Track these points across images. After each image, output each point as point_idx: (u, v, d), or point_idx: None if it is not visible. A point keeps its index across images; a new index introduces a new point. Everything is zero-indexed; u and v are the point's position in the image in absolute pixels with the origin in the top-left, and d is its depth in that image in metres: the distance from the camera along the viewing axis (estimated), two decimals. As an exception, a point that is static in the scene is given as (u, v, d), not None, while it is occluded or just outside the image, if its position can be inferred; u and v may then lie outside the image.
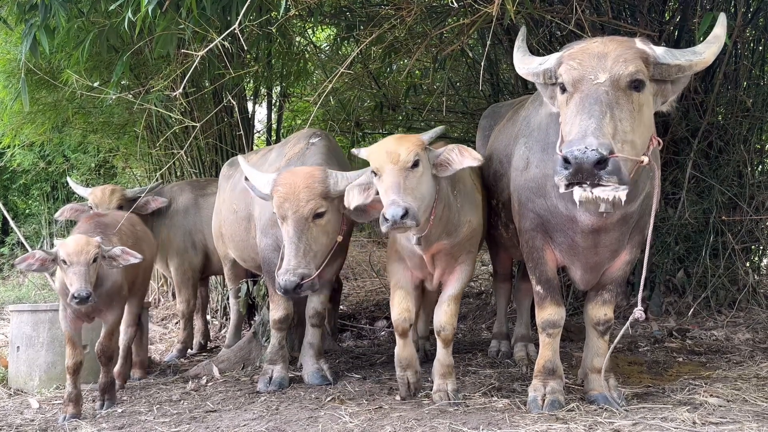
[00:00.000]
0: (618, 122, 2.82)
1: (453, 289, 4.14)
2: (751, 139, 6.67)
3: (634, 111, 2.90)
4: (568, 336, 5.78)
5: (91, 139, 9.28)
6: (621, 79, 2.89)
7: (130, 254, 4.39)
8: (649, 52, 3.01)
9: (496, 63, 7.74)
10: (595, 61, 2.96)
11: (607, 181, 2.64)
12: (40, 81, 6.61)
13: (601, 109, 2.81)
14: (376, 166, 3.60)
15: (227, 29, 4.35)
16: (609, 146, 2.66)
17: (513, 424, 3.33)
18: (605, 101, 2.84)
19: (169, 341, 7.56)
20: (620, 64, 2.91)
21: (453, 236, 3.96)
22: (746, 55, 6.64)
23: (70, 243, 4.22)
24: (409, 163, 3.53)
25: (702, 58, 3.04)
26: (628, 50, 2.97)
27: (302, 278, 3.91)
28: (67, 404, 4.37)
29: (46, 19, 4.60)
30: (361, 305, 8.57)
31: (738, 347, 5.35)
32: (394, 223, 3.33)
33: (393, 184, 3.46)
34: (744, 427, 3.10)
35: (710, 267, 6.43)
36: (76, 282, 4.08)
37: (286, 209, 4.04)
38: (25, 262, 4.25)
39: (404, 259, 4.19)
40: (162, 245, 6.82)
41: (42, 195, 12.84)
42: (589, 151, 2.62)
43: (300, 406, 4.14)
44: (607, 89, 2.87)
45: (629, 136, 2.85)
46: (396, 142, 3.64)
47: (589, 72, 2.94)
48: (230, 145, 7.83)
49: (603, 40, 3.10)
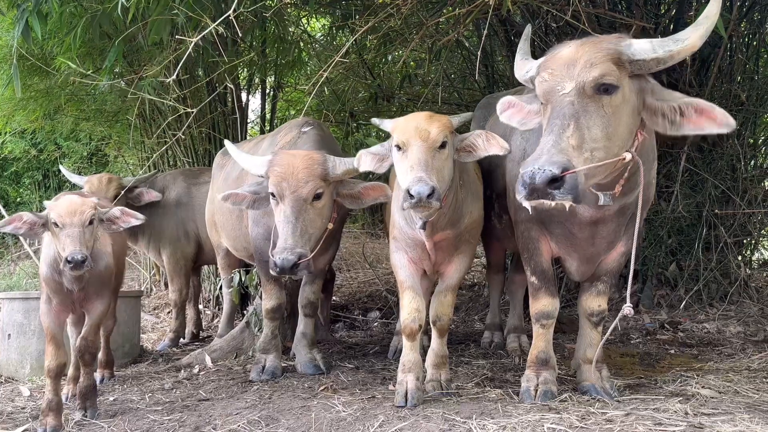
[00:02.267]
0: (585, 131, 2.78)
1: (451, 280, 4.08)
2: (745, 133, 6.69)
3: (607, 115, 2.84)
4: (561, 328, 5.80)
5: (84, 127, 9.20)
6: (586, 87, 2.83)
7: (131, 215, 4.00)
8: (623, 50, 2.90)
9: (491, 54, 7.72)
10: (565, 69, 2.91)
11: (561, 199, 2.64)
12: (32, 67, 6.55)
13: (563, 123, 2.78)
14: (403, 140, 3.48)
15: (222, 16, 4.32)
16: (563, 164, 2.63)
17: (506, 414, 3.33)
18: (569, 113, 2.80)
19: (161, 330, 7.54)
20: (585, 71, 2.84)
21: (456, 226, 3.91)
22: (741, 49, 6.64)
23: (62, 203, 3.74)
24: (438, 143, 3.46)
25: (684, 45, 2.84)
26: (597, 53, 2.88)
27: (299, 257, 3.85)
28: (46, 414, 3.78)
29: (39, 4, 4.56)
30: (353, 296, 8.56)
31: (729, 340, 5.38)
32: (419, 201, 3.22)
33: (421, 161, 3.36)
34: (736, 418, 3.11)
35: (702, 260, 6.46)
36: (70, 244, 3.61)
37: (284, 188, 3.99)
38: (11, 225, 3.78)
39: (405, 250, 4.06)
40: (155, 234, 6.79)
41: (33, 183, 12.75)
42: (539, 173, 2.61)
43: (293, 395, 4.13)
44: (573, 99, 2.83)
45: (601, 142, 2.80)
46: (427, 119, 3.54)
47: (557, 82, 2.90)
48: (224, 134, 7.79)
49: (577, 43, 3.02)
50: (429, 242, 3.84)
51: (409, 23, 5.80)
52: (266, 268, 4.79)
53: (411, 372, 3.81)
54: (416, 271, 4.04)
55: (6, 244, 12.56)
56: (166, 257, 6.81)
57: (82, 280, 3.89)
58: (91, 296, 4.04)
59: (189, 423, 3.69)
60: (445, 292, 4.08)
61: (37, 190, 12.69)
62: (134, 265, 9.84)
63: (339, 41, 8.06)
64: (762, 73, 6.90)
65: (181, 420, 3.76)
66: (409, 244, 3.99)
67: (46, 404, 3.81)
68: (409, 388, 3.74)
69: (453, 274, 4.08)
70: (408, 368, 3.83)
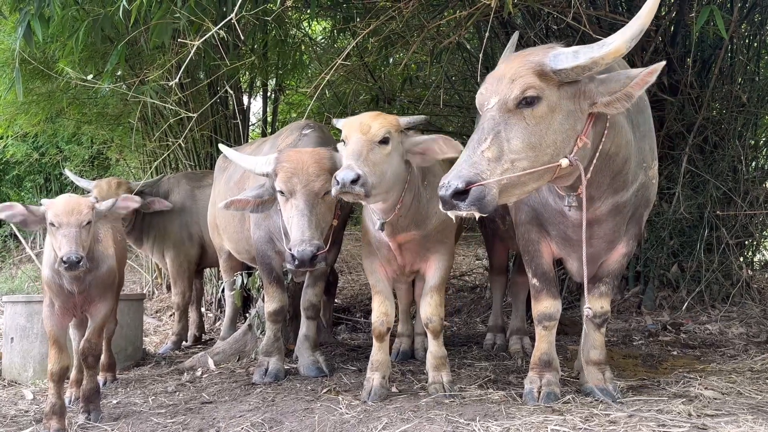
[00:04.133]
0: (505, 143, 2.84)
1: (434, 280, 4.13)
2: (746, 134, 6.70)
3: (529, 126, 2.88)
4: (563, 329, 5.79)
5: (85, 131, 9.22)
6: (508, 102, 2.90)
7: (129, 199, 4.04)
8: (546, 62, 2.91)
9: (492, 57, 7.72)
10: (495, 84, 2.98)
11: (466, 210, 2.74)
12: (34, 71, 6.56)
13: (480, 137, 2.86)
14: (346, 134, 3.59)
15: (223, 19, 4.33)
16: (467, 178, 2.73)
17: (509, 416, 3.33)
18: (488, 127, 2.88)
19: (164, 333, 7.54)
20: (507, 86, 2.92)
21: (422, 227, 3.96)
22: (741, 50, 6.65)
23: (59, 202, 3.74)
24: (378, 137, 3.53)
25: (609, 49, 2.79)
26: (521, 67, 2.93)
27: (318, 249, 3.86)
28: (50, 418, 3.78)
29: (41, 7, 4.57)
30: (355, 298, 8.57)
31: (732, 341, 5.38)
32: (343, 186, 3.32)
33: (354, 151, 3.46)
34: (739, 419, 3.11)
35: (704, 261, 6.45)
36: (66, 245, 3.61)
37: (295, 184, 4.00)
38: (5, 212, 3.79)
39: (375, 254, 4.17)
40: (159, 237, 6.80)
41: (35, 187, 12.76)
42: (445, 187, 2.75)
43: (296, 397, 4.13)
44: (494, 114, 2.90)
45: (523, 153, 2.85)
46: (371, 116, 3.65)
47: (486, 98, 2.99)
48: (225, 138, 7.80)
49: (511, 57, 3.11)
50: (392, 243, 3.96)
51: (411, 26, 5.81)
52: (269, 270, 4.81)
53: (378, 371, 4.05)
54: (386, 276, 4.21)
55: (8, 247, 12.58)
56: (169, 260, 6.82)
57: (82, 282, 3.90)
58: (94, 299, 4.04)
59: (192, 426, 3.69)
60: (431, 293, 4.12)
61: (38, 194, 12.70)
62: (136, 268, 9.85)
63: (340, 44, 8.07)
64: (763, 75, 6.91)
65: (184, 423, 3.76)
66: (378, 246, 4.12)
67: (49, 408, 3.80)
68: (374, 385, 4.00)
69: (434, 273, 4.13)
70: (376, 367, 4.07)
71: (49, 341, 3.95)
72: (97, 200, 4.01)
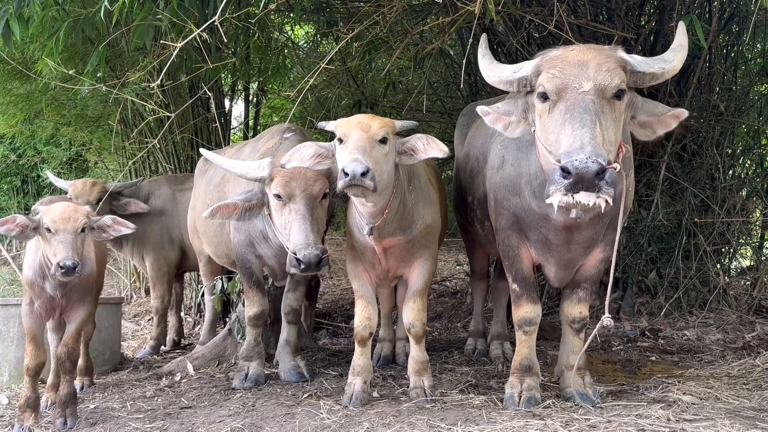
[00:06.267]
0: (605, 131, 2.84)
1: (417, 285, 4.13)
2: (724, 142, 6.79)
3: (616, 120, 2.91)
4: (543, 335, 5.82)
5: (64, 132, 9.14)
6: (607, 89, 2.90)
7: (122, 224, 4.07)
8: (628, 60, 3.02)
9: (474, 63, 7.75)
10: (577, 69, 2.95)
11: (606, 191, 2.64)
12: (12, 71, 6.50)
13: (592, 119, 2.81)
14: (344, 132, 3.55)
15: (206, 22, 4.31)
16: (606, 157, 2.68)
17: (490, 421, 3.34)
18: (593, 110, 2.84)
19: (142, 338, 7.46)
20: (604, 73, 2.90)
21: (407, 232, 3.97)
22: (719, 60, 6.75)
23: (56, 209, 3.82)
24: (378, 136, 3.53)
25: (672, 65, 3.06)
26: (608, 59, 2.97)
27: (323, 252, 3.87)
28: (24, 411, 3.92)
29: (20, 7, 4.51)
30: (336, 303, 8.55)
31: (709, 347, 5.44)
32: (353, 178, 3.29)
33: (359, 146, 3.43)
34: (717, 423, 3.15)
35: (682, 268, 6.52)
36: (62, 250, 3.68)
37: (294, 188, 4.01)
38: (4, 227, 3.81)
39: (359, 258, 4.17)
40: (138, 240, 6.73)
41: (12, 189, 12.59)
42: (590, 162, 2.62)
43: (277, 402, 4.10)
44: (593, 98, 2.87)
45: (613, 145, 2.88)
46: (368, 116, 3.67)
47: (572, 80, 2.93)
48: (206, 141, 7.76)
49: (580, 48, 3.09)
50: (378, 247, 3.94)
51: (394, 31, 5.82)
52: (249, 275, 4.78)
53: (359, 376, 4.05)
54: (370, 281, 4.20)
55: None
56: (149, 263, 6.75)
57: (66, 286, 3.94)
58: (74, 302, 4.08)
59: (171, 431, 3.66)
60: (414, 298, 4.12)
61: (15, 196, 12.53)
62: (114, 272, 9.74)
63: (323, 49, 8.07)
64: (740, 84, 7.02)
65: (163, 428, 3.73)
66: (362, 250, 4.10)
67: (24, 401, 3.93)
68: (355, 390, 3.98)
69: (417, 278, 4.14)
70: (357, 372, 4.06)
71: (26, 337, 4.02)
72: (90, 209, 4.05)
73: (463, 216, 4.99)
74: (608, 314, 3.16)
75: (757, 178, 7.25)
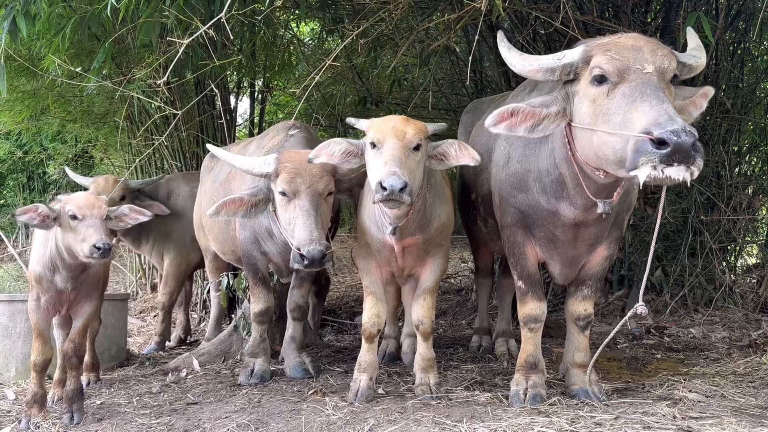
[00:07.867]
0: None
1: (428, 282, 4.14)
2: (730, 140, 6.76)
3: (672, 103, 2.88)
4: (548, 332, 5.82)
5: (70, 129, 9.14)
6: (666, 72, 2.90)
7: (139, 212, 4.14)
8: (674, 51, 3.04)
9: (480, 60, 7.76)
10: (633, 53, 2.90)
11: (698, 163, 2.55)
12: (19, 68, 6.49)
13: (661, 96, 2.76)
14: (379, 138, 3.50)
15: (212, 18, 4.31)
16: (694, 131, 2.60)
17: (496, 418, 3.34)
18: (662, 89, 2.81)
19: (148, 334, 7.48)
20: (661, 57, 2.90)
21: (425, 231, 3.96)
22: (726, 57, 6.72)
23: (79, 197, 3.92)
24: (413, 144, 3.49)
25: (701, 61, 3.18)
26: (660, 46, 2.98)
27: (327, 248, 3.86)
28: (31, 406, 3.96)
29: (27, 4, 4.52)
30: (341, 300, 8.56)
31: (715, 345, 5.43)
32: (392, 194, 3.24)
33: (396, 157, 3.38)
34: (723, 421, 3.15)
35: (688, 266, 6.51)
36: (94, 233, 3.74)
37: (299, 184, 4.00)
38: (27, 215, 3.85)
39: (373, 254, 4.15)
40: (159, 239, 6.74)
41: (18, 185, 12.63)
42: (686, 133, 2.53)
43: (282, 398, 4.12)
44: (657, 80, 2.84)
45: None
46: (404, 121, 3.59)
47: (633, 62, 2.87)
48: (212, 138, 7.76)
49: (629, 35, 3.06)
50: (398, 246, 3.93)
51: (399, 28, 5.82)
52: (254, 271, 4.79)
53: (365, 372, 4.06)
54: (380, 278, 4.20)
55: (-11, 247, 12.43)
56: (168, 261, 6.73)
57: (75, 280, 3.99)
58: (82, 297, 4.13)
59: (177, 427, 3.67)
60: (424, 296, 4.13)
61: (21, 192, 12.59)
62: (120, 269, 9.77)
63: (328, 46, 8.07)
64: (746, 81, 6.99)
65: (169, 424, 3.74)
66: (379, 248, 4.07)
67: (31, 397, 3.96)
68: (361, 386, 4.00)
69: (429, 276, 4.14)
70: (363, 368, 4.08)
71: (33, 333, 4.04)
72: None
73: (466, 213, 4.99)
74: (642, 302, 3.06)
75: (764, 175, 7.22)
